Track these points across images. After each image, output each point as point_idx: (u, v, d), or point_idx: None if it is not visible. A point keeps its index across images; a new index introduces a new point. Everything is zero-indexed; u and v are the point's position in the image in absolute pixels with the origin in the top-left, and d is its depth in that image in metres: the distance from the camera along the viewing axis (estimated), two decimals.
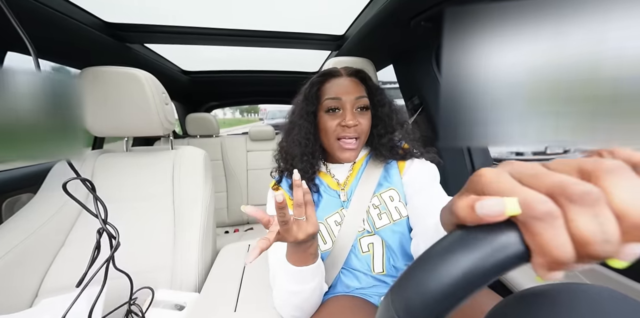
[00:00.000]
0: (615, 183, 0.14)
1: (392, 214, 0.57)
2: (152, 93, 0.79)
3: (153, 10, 0.89)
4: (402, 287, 0.18)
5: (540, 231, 0.14)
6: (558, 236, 0.14)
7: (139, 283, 0.71)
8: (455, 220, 0.18)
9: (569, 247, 0.14)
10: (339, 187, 0.62)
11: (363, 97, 0.57)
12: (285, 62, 1.53)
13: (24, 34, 0.31)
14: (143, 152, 0.92)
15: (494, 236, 0.16)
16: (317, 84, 0.59)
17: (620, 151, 0.16)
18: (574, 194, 0.14)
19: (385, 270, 0.57)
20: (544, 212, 0.14)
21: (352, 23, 1.01)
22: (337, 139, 0.57)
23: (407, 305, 0.17)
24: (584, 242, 0.14)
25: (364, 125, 0.56)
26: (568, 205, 0.14)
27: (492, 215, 0.15)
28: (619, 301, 0.18)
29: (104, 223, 0.41)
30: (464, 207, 0.17)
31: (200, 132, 1.89)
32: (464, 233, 0.17)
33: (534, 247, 0.15)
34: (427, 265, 0.17)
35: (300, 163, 0.59)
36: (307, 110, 0.58)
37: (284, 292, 0.49)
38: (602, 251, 0.13)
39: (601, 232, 0.13)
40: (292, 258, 0.46)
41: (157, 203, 0.83)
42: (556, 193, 0.14)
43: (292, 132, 0.61)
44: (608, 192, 0.14)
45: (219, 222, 1.75)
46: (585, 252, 0.14)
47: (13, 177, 0.94)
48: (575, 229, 0.14)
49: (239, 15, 0.95)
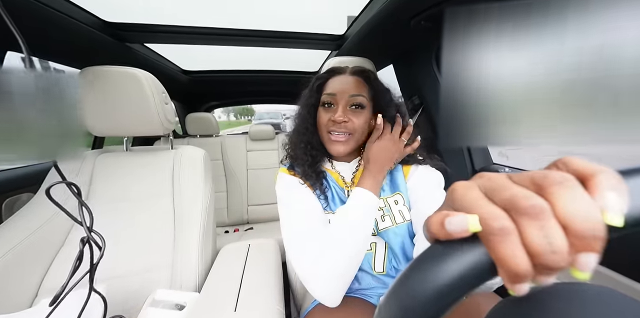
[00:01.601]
0: (560, 194, 0.14)
1: (395, 217, 0.58)
2: (152, 92, 0.79)
3: (153, 10, 0.89)
4: (388, 301, 0.18)
5: (497, 245, 0.15)
6: (513, 250, 0.14)
7: (139, 283, 0.71)
8: (429, 235, 0.18)
9: (524, 260, 0.14)
10: (344, 185, 0.63)
11: (359, 95, 0.57)
12: (285, 62, 1.53)
13: (17, 31, 0.30)
14: (143, 152, 0.92)
15: (464, 252, 0.16)
16: (321, 79, 0.62)
17: (573, 162, 0.16)
18: (522, 208, 0.15)
19: (385, 270, 0.58)
20: (497, 228, 0.15)
21: (352, 23, 1.00)
22: (327, 132, 0.59)
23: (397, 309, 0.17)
24: (535, 253, 0.14)
25: (355, 123, 0.57)
26: (520, 219, 0.15)
27: (457, 231, 0.16)
28: (619, 301, 0.18)
29: (89, 231, 0.39)
30: (436, 222, 0.17)
31: (200, 132, 1.89)
32: (438, 248, 0.17)
33: (496, 262, 0.15)
34: (406, 280, 0.18)
35: (300, 150, 0.62)
36: (309, 102, 0.62)
37: (348, 236, 0.49)
38: (552, 261, 0.14)
39: (547, 243, 0.14)
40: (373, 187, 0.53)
41: (157, 203, 0.83)
42: (509, 207, 0.15)
43: (296, 121, 0.65)
44: (553, 203, 0.14)
45: (219, 222, 1.75)
46: (539, 263, 0.14)
47: (13, 177, 0.94)
48: (526, 241, 0.14)
49: (239, 15, 0.95)
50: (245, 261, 0.75)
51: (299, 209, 0.56)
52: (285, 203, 0.58)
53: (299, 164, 0.62)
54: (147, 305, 0.58)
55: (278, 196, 0.61)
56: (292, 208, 0.57)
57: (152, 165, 0.88)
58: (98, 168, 0.85)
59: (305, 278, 0.49)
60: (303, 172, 0.61)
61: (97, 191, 0.81)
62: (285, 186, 0.61)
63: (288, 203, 0.58)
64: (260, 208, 1.81)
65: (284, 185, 0.61)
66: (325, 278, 0.47)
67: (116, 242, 0.75)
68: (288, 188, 0.60)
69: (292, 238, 0.53)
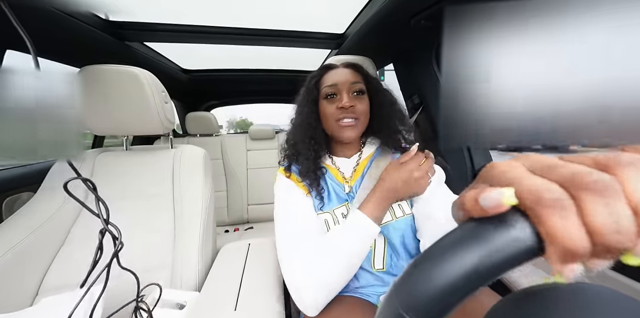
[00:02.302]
0: (631, 176, 0.13)
1: (395, 211, 0.58)
2: (151, 92, 0.79)
3: (153, 9, 0.89)
4: (407, 280, 0.17)
5: (550, 218, 0.14)
6: (569, 224, 0.13)
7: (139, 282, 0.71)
8: (463, 213, 0.17)
9: (582, 236, 0.13)
10: (344, 181, 0.63)
11: (358, 82, 0.60)
12: (285, 61, 1.53)
13: (24, 32, 0.30)
14: (143, 151, 0.92)
15: (505, 228, 0.15)
16: (316, 77, 0.64)
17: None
18: (585, 183, 0.14)
19: (385, 267, 0.57)
20: (552, 199, 0.14)
21: (352, 21, 1.00)
22: (336, 121, 0.60)
23: (411, 298, 0.16)
24: (596, 231, 0.13)
25: (360, 108, 0.59)
26: (581, 194, 0.14)
27: (492, 206, 0.15)
28: (619, 301, 0.18)
29: (106, 223, 0.41)
30: (470, 199, 0.17)
31: (200, 131, 1.89)
32: (474, 225, 0.16)
33: (546, 237, 0.14)
34: (434, 258, 0.17)
35: (303, 145, 0.62)
36: (308, 98, 0.63)
37: (340, 256, 0.48)
38: (615, 241, 0.13)
39: (613, 222, 0.13)
40: (374, 215, 0.51)
41: (157, 202, 0.83)
42: (569, 182, 0.14)
43: (297, 120, 0.65)
44: (625, 183, 0.13)
45: (219, 221, 1.75)
46: (600, 242, 0.13)
47: (13, 176, 0.94)
48: (587, 217, 0.13)
49: (239, 13, 0.95)
50: (245, 260, 0.75)
51: (293, 222, 0.56)
52: (279, 211, 0.60)
53: (301, 160, 0.62)
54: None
55: (275, 199, 0.62)
56: (285, 220, 0.57)
57: (152, 165, 0.88)
58: (98, 167, 0.85)
59: (293, 288, 0.49)
60: (305, 168, 0.61)
61: (97, 190, 0.81)
62: (281, 193, 0.62)
63: (281, 212, 0.59)
64: (260, 207, 1.82)
65: (279, 191, 0.63)
66: (315, 289, 0.47)
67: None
68: (284, 197, 0.61)
69: (282, 248, 0.54)
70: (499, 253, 0.15)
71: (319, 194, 0.60)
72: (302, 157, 0.62)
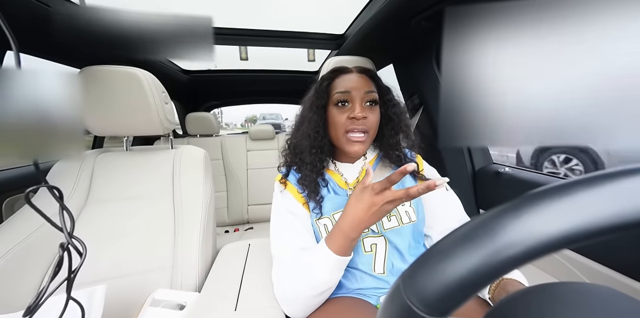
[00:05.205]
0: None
1: (402, 217, 0.58)
2: (151, 92, 0.79)
3: (152, 9, 0.89)
4: (416, 272, 0.17)
5: None
6: None
7: (139, 283, 0.71)
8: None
9: None
10: (347, 187, 0.62)
11: (372, 91, 0.57)
12: (285, 62, 1.53)
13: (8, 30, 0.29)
14: (143, 152, 0.92)
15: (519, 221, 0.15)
16: (327, 79, 0.60)
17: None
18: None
19: (385, 271, 0.57)
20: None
21: (352, 22, 1.00)
22: (345, 133, 0.56)
23: (421, 290, 0.16)
24: None
25: (372, 120, 0.56)
26: None
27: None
28: (619, 300, 0.18)
29: (70, 236, 0.37)
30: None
31: (200, 132, 1.89)
32: (487, 217, 0.16)
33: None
34: (446, 249, 0.16)
35: (309, 156, 0.59)
36: (317, 104, 0.58)
37: (313, 283, 0.49)
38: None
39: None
40: (342, 248, 0.47)
41: (157, 202, 0.83)
42: None
43: (302, 126, 0.61)
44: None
45: (219, 222, 1.75)
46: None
47: (13, 177, 0.94)
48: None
49: (239, 14, 0.95)
50: (245, 261, 0.75)
51: (284, 239, 0.57)
52: (271, 225, 0.60)
53: (304, 170, 0.60)
54: (148, 305, 0.58)
55: (272, 206, 0.63)
56: (275, 235, 0.58)
57: (152, 165, 0.88)
58: (98, 168, 0.85)
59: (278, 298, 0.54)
60: (307, 178, 0.59)
61: (97, 191, 0.81)
62: (275, 207, 0.62)
63: (273, 226, 0.60)
64: (260, 207, 1.82)
65: (274, 204, 0.63)
66: (289, 305, 0.52)
67: (116, 242, 0.75)
68: (277, 212, 0.61)
69: (273, 259, 0.57)
70: (516, 246, 0.14)
71: (317, 203, 0.59)
72: (306, 168, 0.60)
